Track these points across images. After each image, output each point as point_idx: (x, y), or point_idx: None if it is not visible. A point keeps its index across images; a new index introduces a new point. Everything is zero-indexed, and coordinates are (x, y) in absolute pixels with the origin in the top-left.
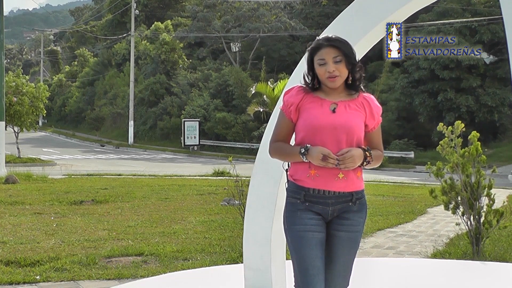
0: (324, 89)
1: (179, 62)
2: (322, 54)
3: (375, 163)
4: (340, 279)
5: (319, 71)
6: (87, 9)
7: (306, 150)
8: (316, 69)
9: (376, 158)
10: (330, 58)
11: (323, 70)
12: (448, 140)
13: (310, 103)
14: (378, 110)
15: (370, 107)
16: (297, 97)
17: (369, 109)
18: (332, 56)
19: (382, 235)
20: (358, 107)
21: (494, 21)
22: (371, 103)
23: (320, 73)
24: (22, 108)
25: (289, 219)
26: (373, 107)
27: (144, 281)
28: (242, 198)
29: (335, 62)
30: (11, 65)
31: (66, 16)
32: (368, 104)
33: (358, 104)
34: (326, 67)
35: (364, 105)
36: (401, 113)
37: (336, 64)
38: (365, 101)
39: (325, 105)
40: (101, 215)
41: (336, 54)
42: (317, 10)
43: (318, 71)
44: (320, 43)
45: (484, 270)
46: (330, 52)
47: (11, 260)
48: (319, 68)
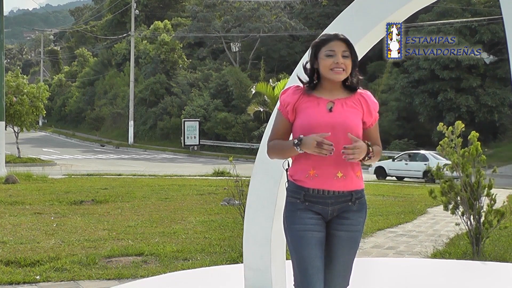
0: (322, 86)
1: (179, 62)
2: (332, 46)
3: (375, 158)
4: (340, 279)
5: (325, 62)
6: (87, 9)
7: (299, 140)
8: (320, 61)
9: (377, 154)
10: (340, 51)
11: (330, 61)
12: (448, 140)
13: (307, 102)
14: (375, 107)
15: (367, 103)
16: (293, 96)
17: (366, 106)
18: (342, 50)
19: (382, 235)
20: (355, 104)
21: (494, 21)
22: (368, 99)
23: (325, 64)
24: (22, 108)
25: (289, 219)
26: (370, 103)
27: (144, 281)
28: (242, 198)
29: (343, 56)
30: (11, 65)
31: (66, 16)
32: (365, 101)
33: (355, 102)
34: (334, 58)
35: (361, 102)
36: (401, 113)
37: (344, 59)
38: (361, 98)
39: (322, 104)
40: (101, 215)
41: (345, 49)
42: (317, 10)
43: (323, 63)
44: (331, 35)
45: (484, 270)
46: (340, 46)
47: (11, 260)
48: (326, 59)
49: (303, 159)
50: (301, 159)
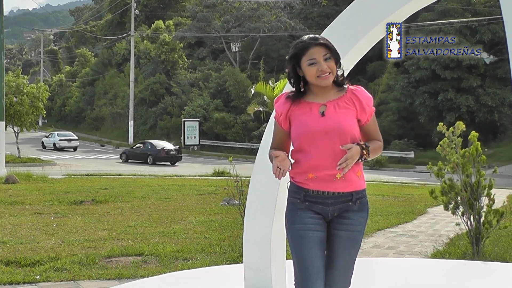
0: (312, 91)
1: (179, 62)
2: (312, 53)
3: (375, 155)
4: (340, 279)
5: (310, 71)
6: (87, 9)
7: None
8: (305, 70)
9: (375, 150)
10: (321, 57)
11: (314, 69)
12: (448, 141)
13: (299, 109)
14: (368, 102)
15: (359, 101)
16: (285, 106)
17: (358, 103)
18: (322, 54)
19: (382, 235)
20: (347, 104)
21: (494, 21)
22: (360, 96)
23: (310, 73)
24: (22, 108)
25: (290, 219)
26: (363, 100)
27: (144, 281)
28: (242, 198)
29: (325, 60)
30: (11, 65)
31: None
32: (357, 98)
33: (347, 101)
34: (318, 66)
35: (354, 100)
36: (401, 113)
37: (326, 62)
38: (353, 95)
39: (314, 109)
40: (101, 215)
41: (325, 52)
42: (317, 10)
43: (308, 72)
44: (307, 43)
45: (484, 270)
46: (319, 51)
47: (11, 260)
48: (309, 68)
49: (302, 163)
50: (300, 162)
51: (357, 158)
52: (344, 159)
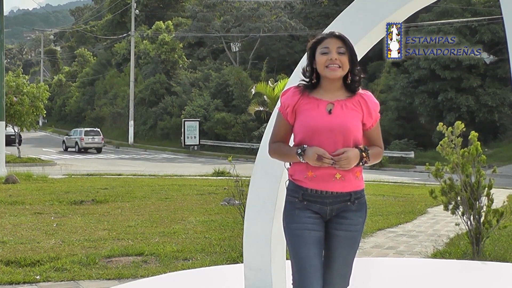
0: (322, 87)
1: (179, 62)
2: (327, 43)
3: (374, 160)
4: (339, 279)
5: (320, 60)
6: (87, 9)
7: (302, 150)
8: (317, 59)
9: (375, 156)
10: (334, 48)
11: (325, 58)
12: (448, 141)
13: (307, 104)
14: (375, 108)
15: (367, 105)
16: (293, 98)
17: (366, 107)
18: (337, 46)
19: (382, 235)
20: (355, 106)
21: (494, 21)
22: (368, 101)
23: (320, 62)
24: (22, 108)
25: (288, 218)
26: (370, 105)
27: (144, 281)
28: (242, 198)
29: (338, 52)
30: (11, 65)
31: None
32: (365, 102)
33: (355, 103)
34: (328, 55)
35: (361, 104)
36: (401, 113)
37: (339, 55)
38: (362, 99)
39: (322, 106)
40: (101, 215)
41: (340, 45)
42: (317, 10)
43: (318, 60)
44: (325, 34)
45: (484, 270)
46: (334, 42)
47: (11, 260)
48: (321, 57)
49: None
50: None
51: (356, 162)
52: (342, 151)
